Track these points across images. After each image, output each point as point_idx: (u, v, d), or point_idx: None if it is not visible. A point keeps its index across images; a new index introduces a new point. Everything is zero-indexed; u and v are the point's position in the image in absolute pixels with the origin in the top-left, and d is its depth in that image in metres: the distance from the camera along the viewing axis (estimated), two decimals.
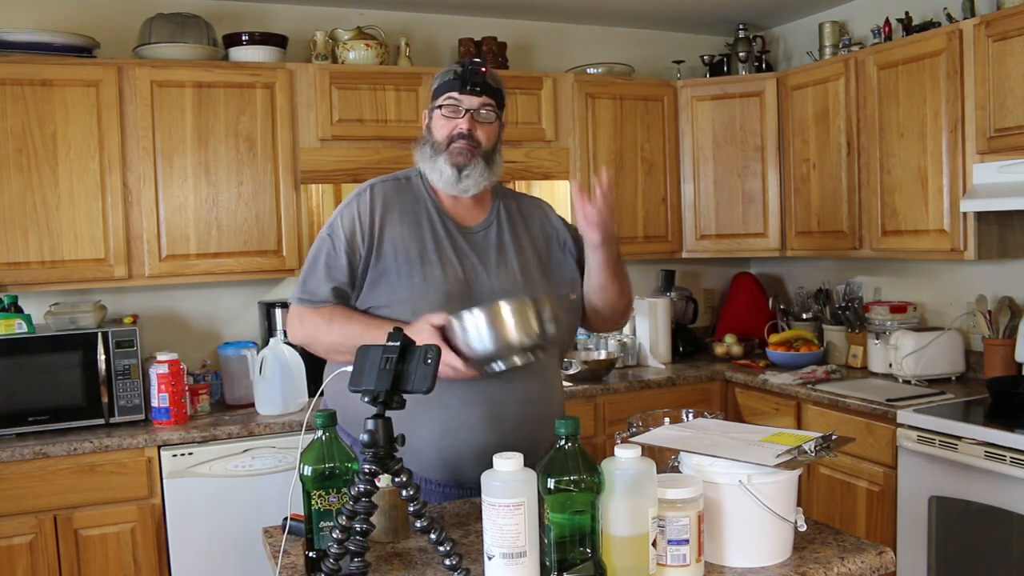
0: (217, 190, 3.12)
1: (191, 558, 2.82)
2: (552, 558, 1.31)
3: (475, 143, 1.87)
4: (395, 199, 1.93)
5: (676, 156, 3.90)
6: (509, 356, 1.67)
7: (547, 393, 1.93)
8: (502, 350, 1.65)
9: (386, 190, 1.94)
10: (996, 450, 2.47)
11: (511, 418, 1.84)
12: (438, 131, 1.90)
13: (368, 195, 1.92)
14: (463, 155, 1.87)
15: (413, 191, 1.95)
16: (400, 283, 1.86)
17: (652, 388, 3.53)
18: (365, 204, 1.90)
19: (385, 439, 1.36)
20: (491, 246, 1.94)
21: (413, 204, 1.93)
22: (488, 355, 1.66)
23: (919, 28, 3.26)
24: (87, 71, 2.94)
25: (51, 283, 2.94)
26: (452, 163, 1.87)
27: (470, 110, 1.87)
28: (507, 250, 1.95)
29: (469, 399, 1.81)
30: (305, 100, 3.23)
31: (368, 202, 1.91)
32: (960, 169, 2.94)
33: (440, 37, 3.80)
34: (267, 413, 3.02)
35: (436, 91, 1.91)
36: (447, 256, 1.89)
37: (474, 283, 1.88)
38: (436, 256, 1.88)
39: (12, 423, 2.77)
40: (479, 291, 1.87)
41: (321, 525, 1.44)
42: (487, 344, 1.64)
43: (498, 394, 1.83)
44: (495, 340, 1.64)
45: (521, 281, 1.92)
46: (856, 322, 3.59)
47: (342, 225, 1.89)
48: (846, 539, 1.55)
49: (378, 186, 1.95)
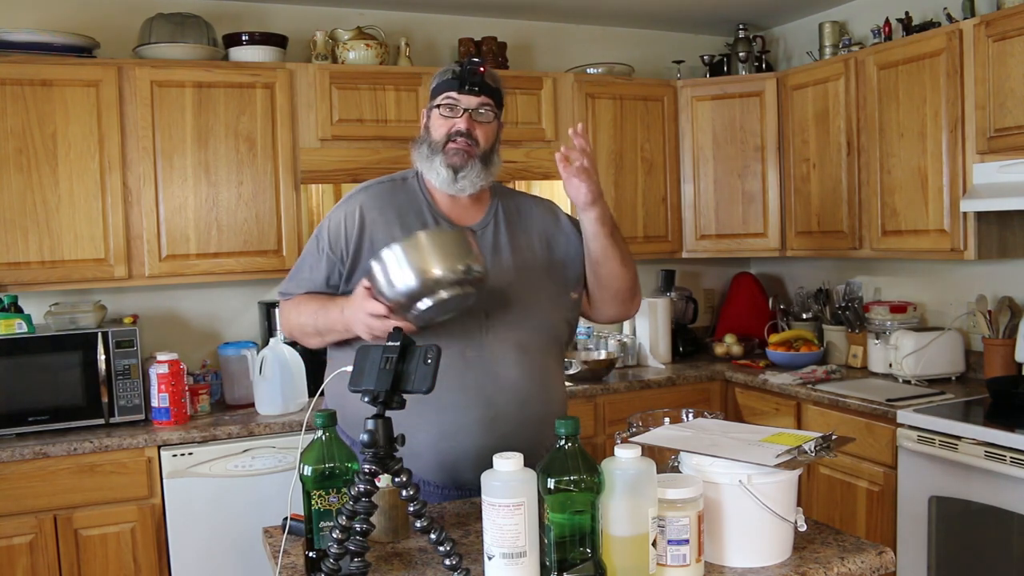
0: (217, 190, 3.12)
1: (191, 558, 2.82)
2: (552, 558, 1.31)
3: (473, 142, 1.87)
4: (388, 201, 1.92)
5: (676, 156, 3.90)
6: (436, 291, 1.56)
7: (546, 394, 1.92)
8: (426, 284, 1.55)
9: (380, 192, 1.94)
10: (996, 450, 2.47)
11: (510, 420, 1.83)
12: (436, 130, 1.89)
13: (359, 198, 1.92)
14: (459, 155, 1.86)
15: (408, 192, 1.95)
16: None
17: (652, 388, 3.53)
18: (354, 208, 1.90)
19: (385, 439, 1.36)
20: (487, 246, 1.92)
21: (408, 205, 1.93)
22: (411, 292, 1.56)
23: (919, 28, 3.26)
24: (87, 71, 2.94)
25: (51, 283, 2.94)
26: (448, 163, 1.86)
27: (468, 109, 1.86)
28: (503, 250, 1.93)
29: (467, 402, 1.81)
30: (305, 100, 3.23)
31: (358, 206, 1.90)
32: (960, 169, 2.94)
33: (440, 37, 3.80)
34: (267, 413, 3.03)
35: (434, 90, 1.91)
36: None
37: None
38: None
39: (12, 423, 2.77)
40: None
41: (321, 525, 1.44)
42: (409, 280, 1.55)
43: (496, 396, 1.82)
44: (416, 272, 1.54)
45: (518, 281, 1.91)
46: (856, 322, 3.59)
47: (329, 228, 1.91)
48: (846, 539, 1.55)
49: (373, 187, 1.95)
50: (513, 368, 1.85)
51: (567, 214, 2.10)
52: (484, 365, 1.82)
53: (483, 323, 1.84)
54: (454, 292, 1.59)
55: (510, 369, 1.85)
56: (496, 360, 1.84)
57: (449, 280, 1.57)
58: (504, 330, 1.85)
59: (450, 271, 1.57)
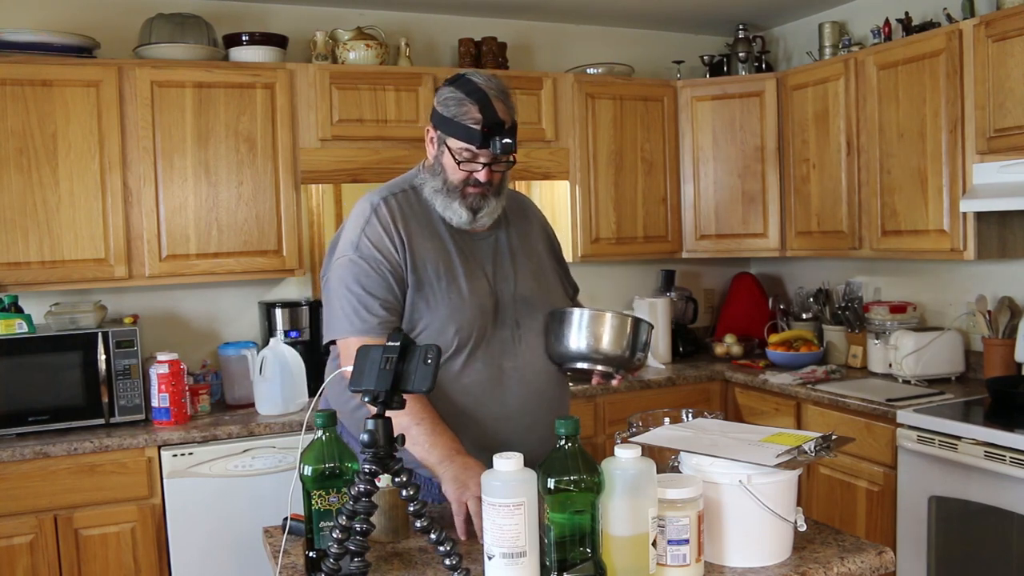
0: (217, 190, 3.12)
1: (191, 558, 2.82)
2: (552, 558, 1.31)
3: (490, 185, 1.81)
4: (409, 212, 1.84)
5: (676, 156, 3.90)
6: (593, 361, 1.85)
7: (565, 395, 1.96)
8: (592, 353, 1.84)
9: (398, 203, 1.83)
10: (996, 450, 2.47)
11: (543, 425, 1.81)
12: (452, 173, 1.79)
13: (385, 208, 1.81)
14: (478, 199, 1.80)
15: (422, 202, 1.86)
16: (437, 300, 1.78)
17: (652, 388, 3.53)
18: (386, 218, 1.79)
19: (385, 439, 1.36)
20: (504, 252, 1.90)
21: (427, 215, 1.85)
22: (576, 354, 1.85)
23: (919, 28, 3.26)
24: (87, 71, 2.94)
25: (51, 283, 2.94)
26: (468, 206, 1.80)
27: (489, 164, 1.77)
28: (518, 255, 1.91)
29: (508, 413, 1.81)
30: (305, 100, 3.23)
31: (388, 215, 1.80)
32: (960, 169, 2.94)
33: (440, 37, 3.80)
34: (267, 413, 3.02)
35: (451, 128, 1.76)
36: (472, 268, 1.83)
37: (499, 293, 1.85)
38: (463, 268, 1.81)
39: (12, 423, 2.77)
40: (504, 301, 1.84)
41: (321, 525, 1.45)
42: (581, 343, 1.83)
43: (531, 403, 1.83)
44: (590, 341, 1.83)
45: (537, 287, 1.90)
46: (856, 322, 3.59)
47: (369, 243, 1.77)
48: (846, 539, 1.55)
49: (390, 199, 1.84)
50: (543, 374, 1.87)
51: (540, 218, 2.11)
52: (519, 374, 1.83)
53: (515, 333, 1.84)
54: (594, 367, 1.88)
55: (540, 375, 1.86)
56: (528, 368, 1.84)
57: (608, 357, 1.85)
58: (533, 337, 1.86)
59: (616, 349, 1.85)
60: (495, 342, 1.81)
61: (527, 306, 1.86)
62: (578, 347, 1.83)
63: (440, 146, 1.81)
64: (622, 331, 1.83)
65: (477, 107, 1.73)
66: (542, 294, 1.90)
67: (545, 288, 1.93)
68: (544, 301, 1.90)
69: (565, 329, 1.84)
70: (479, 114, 1.73)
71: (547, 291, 1.93)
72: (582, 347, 1.83)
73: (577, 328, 1.83)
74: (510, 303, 1.85)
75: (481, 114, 1.73)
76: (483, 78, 1.79)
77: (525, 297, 1.86)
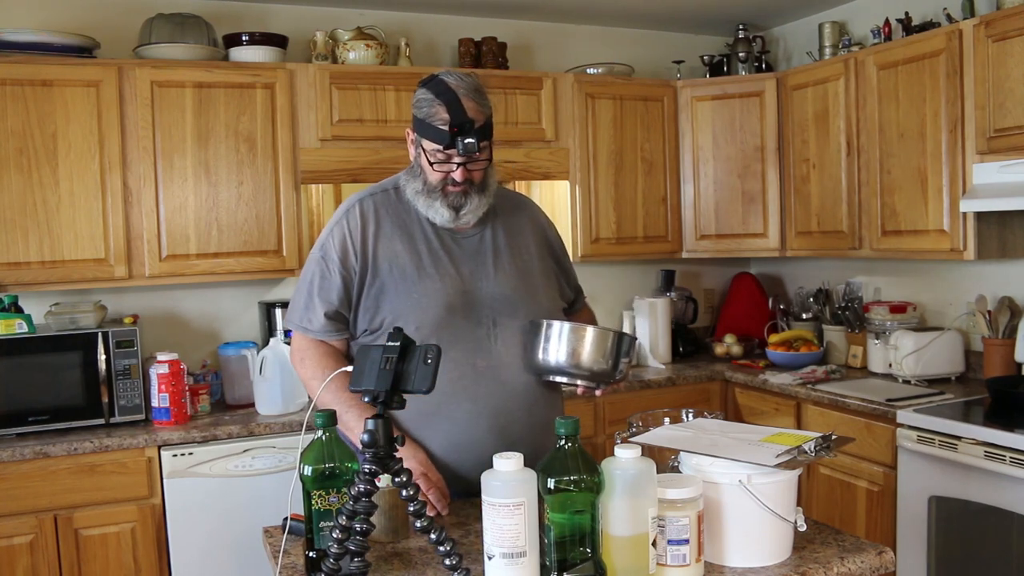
0: (217, 190, 3.12)
1: (191, 558, 2.82)
2: (552, 558, 1.31)
3: (469, 183, 1.83)
4: (385, 212, 1.88)
5: (676, 156, 3.91)
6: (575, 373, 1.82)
7: (550, 396, 1.94)
8: (571, 366, 1.80)
9: (375, 204, 1.89)
10: (996, 450, 2.47)
11: (519, 425, 1.83)
12: (430, 174, 1.83)
13: (357, 211, 1.87)
14: (459, 197, 1.83)
15: (403, 202, 1.90)
16: (400, 299, 1.82)
17: (652, 388, 3.53)
18: (355, 221, 1.86)
19: (385, 439, 1.36)
20: (487, 251, 1.90)
21: (404, 215, 1.89)
22: (554, 367, 1.82)
23: (919, 28, 3.26)
24: (87, 71, 2.94)
25: (51, 283, 2.94)
26: (449, 205, 1.83)
27: (462, 163, 1.80)
28: (502, 254, 1.92)
29: (478, 411, 1.81)
30: (305, 100, 3.23)
31: (358, 218, 1.86)
32: (960, 169, 2.94)
33: (440, 37, 3.80)
34: (267, 413, 3.03)
35: (423, 129, 1.80)
36: (444, 266, 1.85)
37: (474, 291, 1.85)
38: (433, 268, 1.84)
39: (12, 423, 2.77)
40: (480, 299, 1.85)
41: (321, 525, 1.45)
42: (560, 357, 1.80)
43: (506, 403, 1.83)
44: (569, 355, 1.79)
45: (521, 286, 1.90)
46: (856, 322, 3.59)
47: (333, 245, 1.86)
48: (846, 539, 1.55)
49: (367, 200, 1.90)
50: (520, 374, 1.86)
51: (543, 217, 2.11)
52: (494, 373, 1.82)
53: (491, 331, 1.84)
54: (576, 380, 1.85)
55: (517, 375, 1.85)
56: (504, 367, 1.84)
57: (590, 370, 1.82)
58: (510, 336, 1.86)
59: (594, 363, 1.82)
60: (468, 340, 1.81)
61: (507, 305, 1.86)
62: (556, 360, 1.80)
63: (417, 148, 1.86)
64: (601, 346, 1.80)
65: (445, 108, 1.76)
66: (526, 294, 1.89)
67: (531, 288, 1.92)
68: (527, 301, 1.89)
69: (540, 341, 1.81)
70: (447, 114, 1.75)
71: (532, 291, 1.91)
72: (560, 360, 1.80)
73: (556, 341, 1.80)
74: (487, 301, 1.85)
75: (449, 114, 1.75)
76: (455, 77, 1.80)
77: (505, 295, 1.86)
